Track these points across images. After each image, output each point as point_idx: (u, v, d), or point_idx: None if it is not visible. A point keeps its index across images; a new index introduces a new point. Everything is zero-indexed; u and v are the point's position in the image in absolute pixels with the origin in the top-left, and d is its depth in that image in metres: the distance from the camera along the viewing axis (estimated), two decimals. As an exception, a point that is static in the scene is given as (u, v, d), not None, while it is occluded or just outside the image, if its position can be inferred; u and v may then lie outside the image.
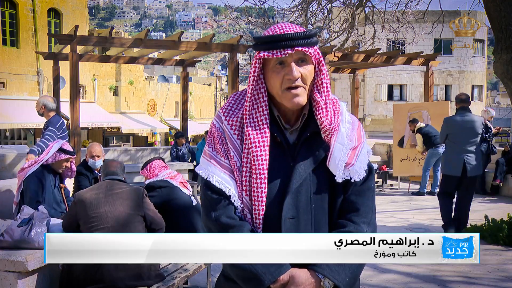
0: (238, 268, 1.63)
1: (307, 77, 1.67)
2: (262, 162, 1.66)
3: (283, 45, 1.63)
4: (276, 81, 1.66)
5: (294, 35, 1.63)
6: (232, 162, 1.70)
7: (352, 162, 1.72)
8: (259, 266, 1.60)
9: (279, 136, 1.71)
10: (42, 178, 4.41)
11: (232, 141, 1.71)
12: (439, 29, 9.40)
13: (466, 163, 6.44)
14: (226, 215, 1.67)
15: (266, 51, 1.65)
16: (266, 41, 1.66)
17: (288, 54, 1.64)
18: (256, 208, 1.68)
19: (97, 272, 3.31)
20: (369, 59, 12.85)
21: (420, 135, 10.25)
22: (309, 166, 1.70)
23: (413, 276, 5.03)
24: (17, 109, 17.84)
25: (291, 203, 1.68)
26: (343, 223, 1.72)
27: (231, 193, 1.68)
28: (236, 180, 1.69)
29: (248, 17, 11.09)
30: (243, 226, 1.67)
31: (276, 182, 1.69)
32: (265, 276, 1.59)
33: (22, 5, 19.35)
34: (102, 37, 11.62)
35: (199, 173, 1.75)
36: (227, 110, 1.76)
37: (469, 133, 6.51)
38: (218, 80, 36.85)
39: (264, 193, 1.67)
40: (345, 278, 1.63)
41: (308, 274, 1.62)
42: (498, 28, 6.04)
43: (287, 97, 1.66)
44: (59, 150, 4.54)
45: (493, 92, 70.03)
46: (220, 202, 1.69)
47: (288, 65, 1.65)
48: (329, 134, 1.70)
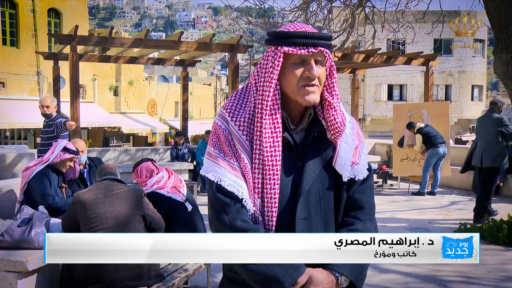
0: (255, 272, 1.61)
1: (322, 78, 1.69)
2: (276, 163, 1.66)
3: (307, 43, 1.64)
4: (294, 78, 1.66)
5: (318, 35, 1.65)
6: (243, 165, 1.67)
7: (357, 161, 1.76)
8: (277, 269, 1.59)
9: (287, 137, 1.71)
10: (48, 176, 4.46)
11: (242, 142, 1.68)
12: (439, 29, 9.40)
13: (483, 155, 7.42)
14: (240, 219, 1.65)
15: (291, 46, 1.65)
16: (290, 36, 1.66)
17: (312, 53, 1.65)
18: (269, 210, 1.67)
19: (97, 272, 3.30)
20: (369, 59, 12.85)
21: (420, 135, 10.24)
22: (317, 166, 1.72)
23: (413, 276, 5.03)
24: (17, 109, 17.85)
25: (303, 204, 1.69)
26: (350, 221, 1.75)
27: (244, 196, 1.65)
28: (247, 183, 1.67)
29: (248, 17, 11.09)
30: (258, 230, 1.65)
31: (286, 183, 1.70)
32: (285, 279, 1.59)
33: (22, 5, 19.35)
34: (102, 37, 11.63)
35: (208, 176, 1.70)
36: (232, 110, 1.73)
37: (486, 129, 7.54)
38: (218, 80, 36.85)
39: (277, 195, 1.66)
40: (359, 274, 1.67)
41: (325, 274, 1.64)
42: (498, 28, 6.04)
43: (303, 93, 1.66)
44: (63, 149, 4.57)
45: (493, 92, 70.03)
46: (232, 206, 1.66)
47: (309, 63, 1.66)
48: (339, 135, 1.71)
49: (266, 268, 1.59)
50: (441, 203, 9.46)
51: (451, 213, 8.49)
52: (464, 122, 32.04)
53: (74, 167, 4.76)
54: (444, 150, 10.12)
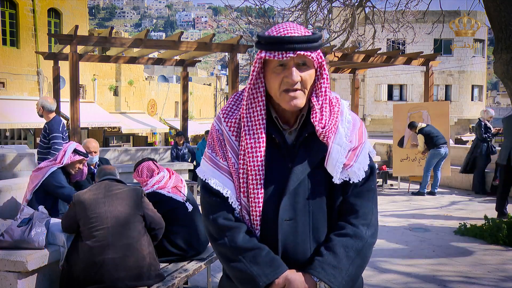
0: (235, 269, 1.64)
1: (307, 81, 1.65)
2: (257, 163, 1.66)
3: (285, 48, 1.59)
4: (275, 83, 1.64)
5: (297, 39, 1.59)
6: (230, 164, 1.70)
7: (351, 163, 1.70)
8: (255, 268, 1.61)
9: (277, 137, 1.70)
10: (62, 176, 4.56)
11: (230, 142, 1.70)
12: (439, 29, 9.40)
13: (511, 153, 7.38)
14: (223, 217, 1.68)
15: (268, 52, 1.62)
16: (269, 42, 1.62)
17: (290, 58, 1.60)
18: (253, 209, 1.67)
19: (97, 272, 3.30)
20: (369, 59, 12.86)
21: (421, 135, 10.23)
22: (307, 167, 1.68)
23: (413, 276, 5.03)
24: (17, 109, 17.85)
25: (288, 205, 1.67)
26: (342, 225, 1.70)
27: (229, 195, 1.68)
28: (234, 182, 1.69)
29: (248, 17, 11.08)
30: (240, 227, 1.67)
31: (273, 183, 1.68)
32: (260, 279, 1.60)
33: (22, 5, 19.35)
34: (102, 37, 11.62)
35: (199, 175, 1.77)
36: (227, 111, 1.75)
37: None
38: (218, 80, 36.83)
39: (261, 195, 1.66)
40: (341, 281, 1.62)
41: (303, 278, 1.62)
42: (498, 28, 6.04)
43: (284, 99, 1.64)
44: (73, 151, 4.67)
45: (493, 92, 70.05)
46: (217, 204, 1.70)
47: (289, 68, 1.61)
48: (324, 138, 1.68)
49: (245, 266, 1.61)
50: (441, 203, 9.46)
51: (451, 213, 8.49)
52: (464, 122, 32.04)
53: (83, 169, 4.86)
54: (446, 151, 10.11)
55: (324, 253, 1.65)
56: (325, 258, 1.63)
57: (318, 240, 1.70)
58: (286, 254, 1.67)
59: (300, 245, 1.68)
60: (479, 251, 6.03)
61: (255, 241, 1.66)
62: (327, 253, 1.64)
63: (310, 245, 1.69)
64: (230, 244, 1.65)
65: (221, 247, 1.67)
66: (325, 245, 1.67)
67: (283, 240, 1.66)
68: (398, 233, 6.95)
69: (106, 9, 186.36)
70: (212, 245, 1.73)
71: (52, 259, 3.49)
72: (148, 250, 3.51)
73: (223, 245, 1.66)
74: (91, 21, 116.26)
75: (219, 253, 1.70)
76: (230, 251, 1.65)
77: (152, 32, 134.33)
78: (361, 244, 1.67)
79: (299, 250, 1.68)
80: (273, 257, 1.64)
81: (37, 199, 4.43)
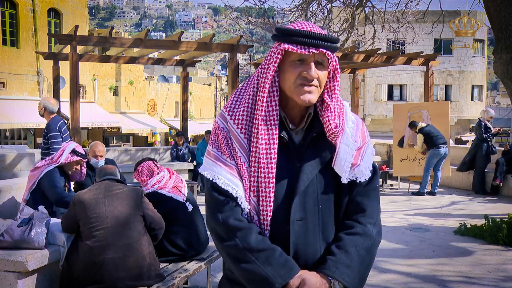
0: (246, 270, 1.61)
1: (322, 80, 1.67)
2: (271, 161, 1.64)
3: (309, 43, 1.61)
4: (292, 76, 1.64)
5: (321, 36, 1.62)
6: (240, 163, 1.67)
7: (358, 162, 1.71)
8: (269, 269, 1.59)
9: (285, 136, 1.70)
10: (57, 176, 4.54)
11: (239, 140, 1.68)
12: (439, 29, 9.40)
13: None
14: (233, 217, 1.64)
15: (291, 44, 1.63)
16: (293, 34, 1.63)
17: (311, 53, 1.62)
18: (264, 209, 1.66)
19: (97, 272, 3.30)
20: (369, 59, 12.86)
21: (421, 135, 10.24)
22: (315, 167, 1.68)
23: (413, 276, 5.03)
24: (17, 109, 17.85)
25: (299, 205, 1.66)
26: (350, 224, 1.71)
27: (238, 195, 1.65)
28: (243, 181, 1.67)
29: (248, 17, 11.08)
30: (252, 228, 1.64)
31: (283, 183, 1.67)
32: (276, 280, 1.58)
33: (22, 5, 19.35)
34: (102, 37, 11.63)
35: (204, 174, 1.71)
36: (231, 108, 1.72)
37: None
38: (218, 80, 36.82)
39: (272, 194, 1.65)
40: (354, 279, 1.63)
41: (318, 277, 1.61)
42: (498, 28, 6.04)
43: (299, 92, 1.64)
44: (71, 151, 4.66)
45: (493, 92, 70.03)
46: (227, 204, 1.66)
47: (308, 64, 1.63)
48: (335, 137, 1.69)
49: (258, 267, 1.59)
50: (441, 203, 9.46)
51: (451, 213, 8.49)
52: (464, 122, 32.03)
53: (81, 170, 4.83)
54: (446, 151, 10.11)
55: (336, 252, 1.65)
56: (338, 257, 1.64)
57: (327, 240, 1.70)
58: (297, 255, 1.66)
59: (310, 245, 1.67)
60: (479, 251, 6.03)
61: (268, 242, 1.64)
62: (339, 252, 1.65)
63: (320, 245, 1.69)
64: (242, 245, 1.61)
65: (230, 248, 1.63)
66: (336, 244, 1.68)
67: (294, 240, 1.66)
68: (398, 233, 6.95)
69: (106, 9, 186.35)
70: (218, 245, 1.68)
71: (52, 259, 3.49)
72: (148, 250, 3.50)
73: (233, 246, 1.63)
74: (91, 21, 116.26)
75: (228, 254, 1.66)
76: (241, 252, 1.62)
77: (152, 32, 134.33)
78: (370, 242, 1.69)
79: (310, 250, 1.67)
80: (287, 258, 1.63)
81: (34, 199, 4.41)
